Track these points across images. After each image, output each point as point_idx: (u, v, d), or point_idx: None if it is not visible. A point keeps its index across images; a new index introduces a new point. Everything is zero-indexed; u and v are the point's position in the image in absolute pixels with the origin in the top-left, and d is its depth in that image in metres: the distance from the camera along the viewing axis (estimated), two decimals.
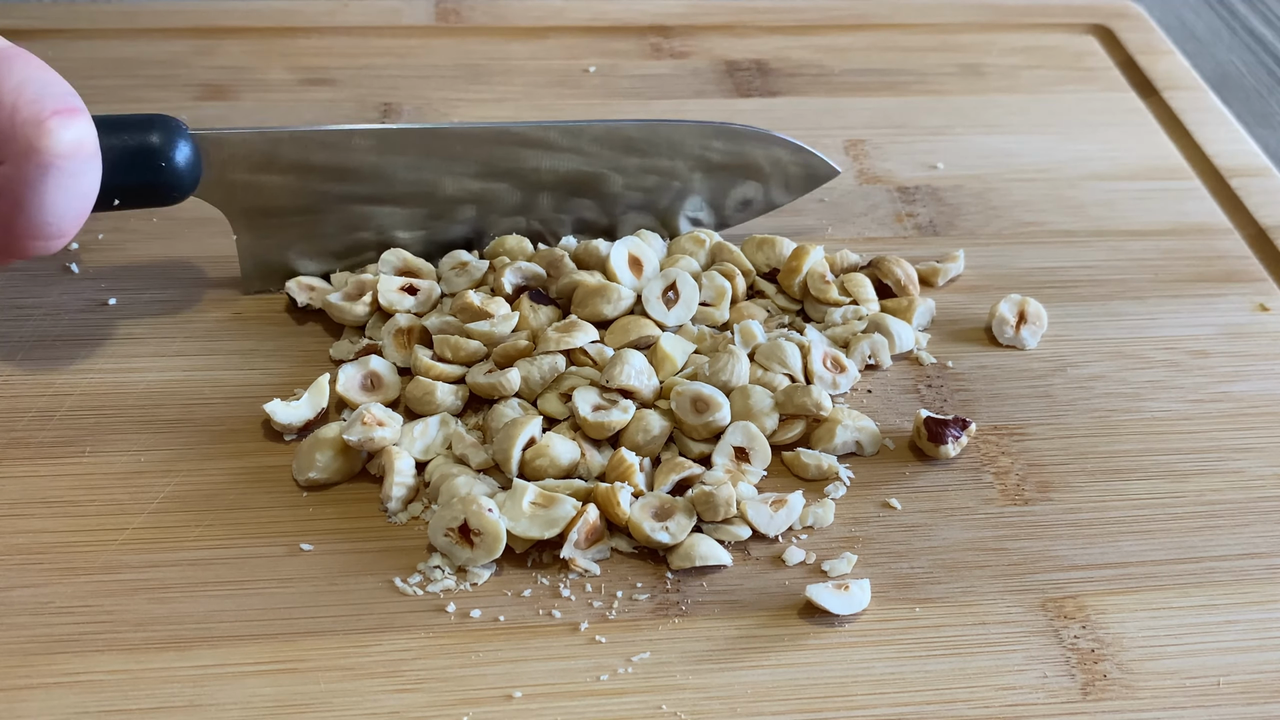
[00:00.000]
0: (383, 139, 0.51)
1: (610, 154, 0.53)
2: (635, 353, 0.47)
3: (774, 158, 0.55)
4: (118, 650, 0.39)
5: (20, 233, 0.42)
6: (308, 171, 0.51)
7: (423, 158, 0.51)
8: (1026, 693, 0.40)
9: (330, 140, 0.50)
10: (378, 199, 0.52)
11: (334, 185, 0.51)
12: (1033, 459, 0.48)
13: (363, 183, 0.51)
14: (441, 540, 0.42)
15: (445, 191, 0.52)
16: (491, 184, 0.53)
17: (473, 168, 0.52)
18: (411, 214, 0.52)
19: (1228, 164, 0.63)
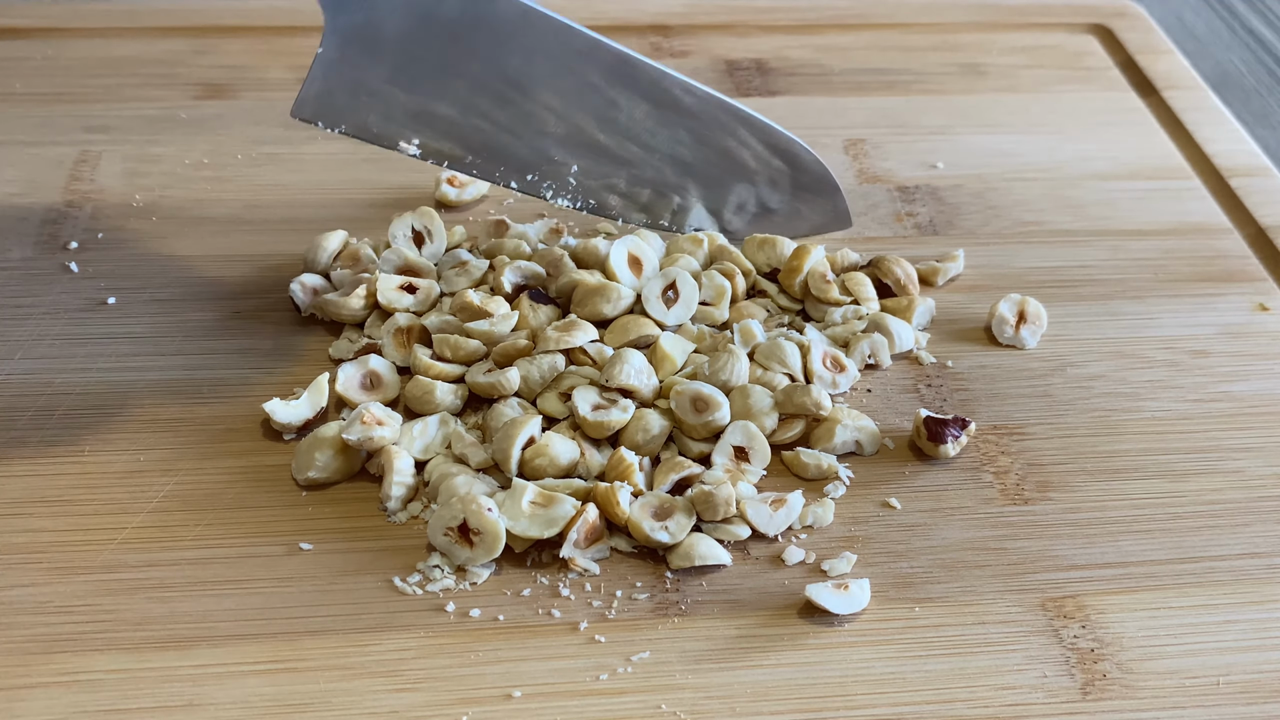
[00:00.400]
0: (540, 27, 0.48)
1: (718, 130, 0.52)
2: (635, 352, 0.47)
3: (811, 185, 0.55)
4: (117, 649, 0.39)
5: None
6: (437, 14, 0.47)
7: (560, 60, 0.48)
8: (1026, 692, 0.40)
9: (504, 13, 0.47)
10: (489, 77, 0.48)
11: (457, 39, 0.47)
12: (1032, 459, 0.48)
13: (491, 51, 0.48)
14: (441, 540, 0.42)
15: (548, 102, 0.49)
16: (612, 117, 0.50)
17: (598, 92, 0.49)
18: (508, 114, 0.49)
19: (1228, 164, 0.63)
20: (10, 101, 0.63)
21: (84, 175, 0.59)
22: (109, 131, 0.62)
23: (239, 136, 0.62)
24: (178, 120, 0.63)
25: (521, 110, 0.49)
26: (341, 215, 0.57)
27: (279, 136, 0.62)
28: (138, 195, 0.58)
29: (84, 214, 0.57)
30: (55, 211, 0.57)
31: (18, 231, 0.55)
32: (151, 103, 0.64)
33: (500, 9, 0.47)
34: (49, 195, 0.58)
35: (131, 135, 0.62)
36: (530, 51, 0.48)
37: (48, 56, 0.67)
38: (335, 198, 0.58)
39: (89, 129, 0.62)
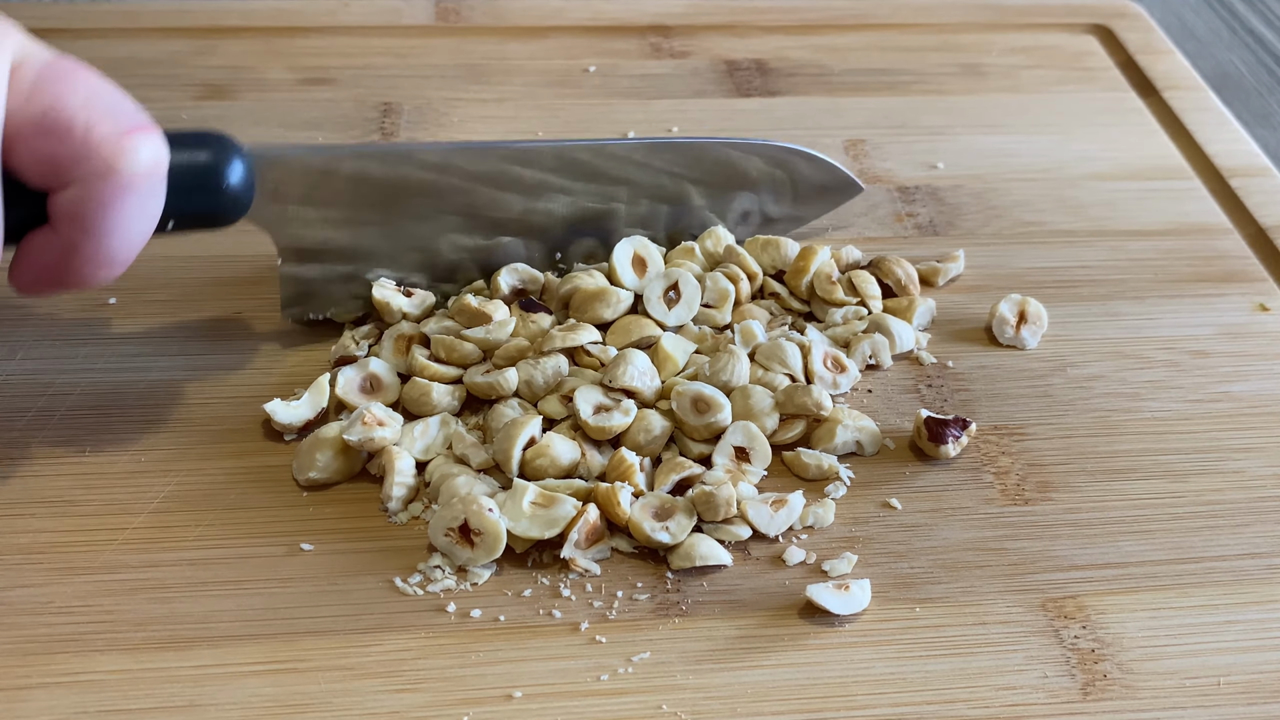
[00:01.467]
0: (444, 155, 0.49)
1: (667, 178, 0.53)
2: (638, 353, 0.47)
3: (804, 174, 0.56)
4: (117, 650, 0.39)
5: (86, 259, 0.40)
6: (362, 193, 0.49)
7: (474, 175, 0.50)
8: (1026, 693, 0.40)
9: (389, 156, 0.49)
10: (431, 218, 0.50)
11: (387, 208, 0.49)
12: (1033, 459, 0.48)
13: (418, 202, 0.50)
14: (442, 540, 0.42)
15: (500, 210, 0.51)
16: (551, 203, 0.51)
17: (529, 186, 0.51)
18: (463, 237, 0.51)
19: (1228, 164, 0.63)
20: None
21: None
22: None
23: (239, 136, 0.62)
24: (178, 121, 0.63)
25: (491, 226, 0.51)
26: None
27: (279, 136, 0.62)
28: None
29: None
30: None
31: None
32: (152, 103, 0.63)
33: (421, 158, 0.49)
34: None
35: None
36: (474, 180, 0.50)
37: None
38: None
39: None
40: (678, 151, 0.53)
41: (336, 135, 0.62)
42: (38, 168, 0.38)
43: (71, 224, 0.39)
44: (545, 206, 0.51)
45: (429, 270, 0.51)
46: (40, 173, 0.38)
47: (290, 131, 0.62)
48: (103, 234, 0.39)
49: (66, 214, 0.39)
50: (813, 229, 0.58)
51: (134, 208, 0.39)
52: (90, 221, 0.39)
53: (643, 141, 0.52)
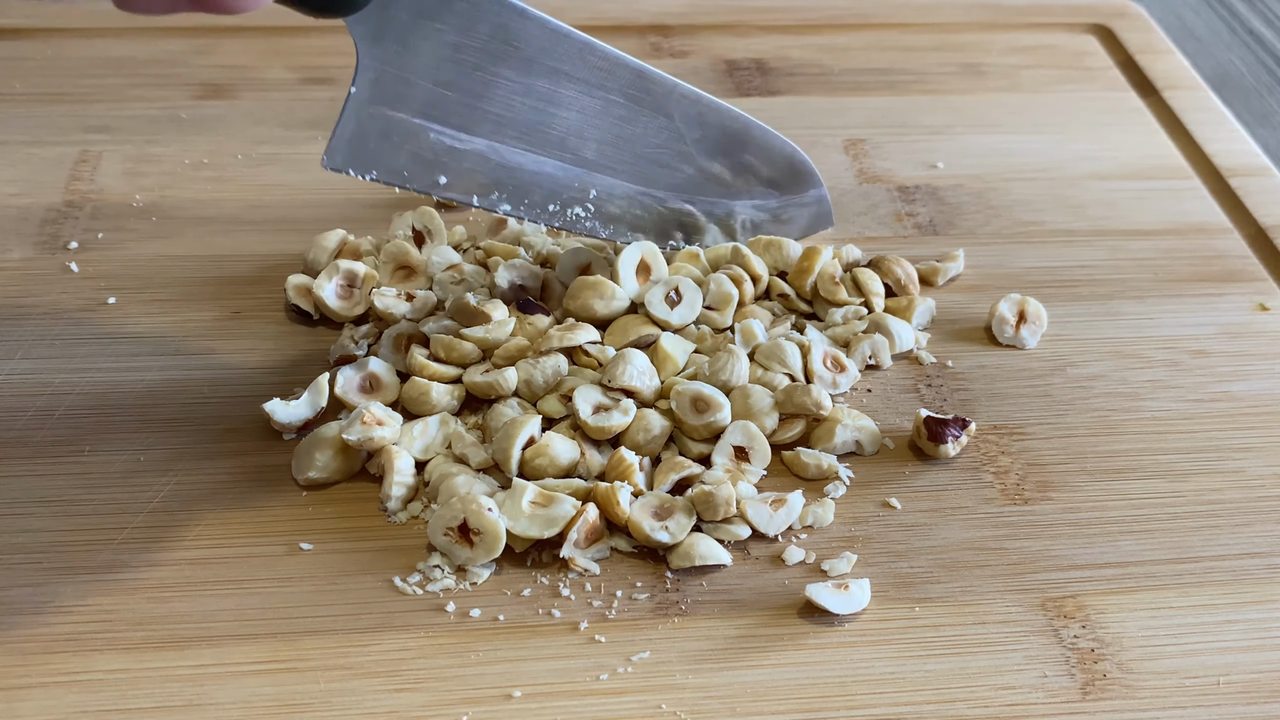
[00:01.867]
0: (580, 48, 0.48)
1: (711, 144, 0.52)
2: (637, 352, 0.47)
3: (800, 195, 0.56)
4: (117, 649, 0.39)
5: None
6: (469, 38, 0.46)
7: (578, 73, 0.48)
8: (1026, 692, 0.40)
9: (508, 13, 0.46)
10: (527, 106, 0.48)
11: (484, 71, 0.46)
12: (1032, 459, 0.48)
13: (516, 78, 0.47)
14: (441, 540, 0.42)
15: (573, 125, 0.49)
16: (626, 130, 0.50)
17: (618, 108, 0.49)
18: (542, 148, 0.49)
19: (1228, 164, 0.63)
20: (10, 101, 0.63)
21: (84, 175, 0.59)
22: (109, 131, 0.62)
23: (239, 136, 0.62)
24: (178, 120, 0.63)
25: (546, 137, 0.49)
26: (341, 215, 0.57)
27: (279, 136, 0.62)
28: (138, 195, 0.58)
29: (84, 214, 0.57)
30: (55, 211, 0.57)
31: (18, 231, 0.55)
32: (151, 103, 0.64)
33: (528, 29, 0.47)
34: (49, 195, 0.58)
35: (131, 135, 0.62)
36: (555, 73, 0.48)
37: (48, 57, 0.67)
38: (335, 198, 0.58)
39: (89, 129, 0.62)
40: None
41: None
42: None
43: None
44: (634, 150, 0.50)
45: (491, 174, 0.48)
46: None
47: (290, 131, 0.62)
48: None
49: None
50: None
51: None
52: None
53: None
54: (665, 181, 0.52)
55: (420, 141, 0.46)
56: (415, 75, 0.45)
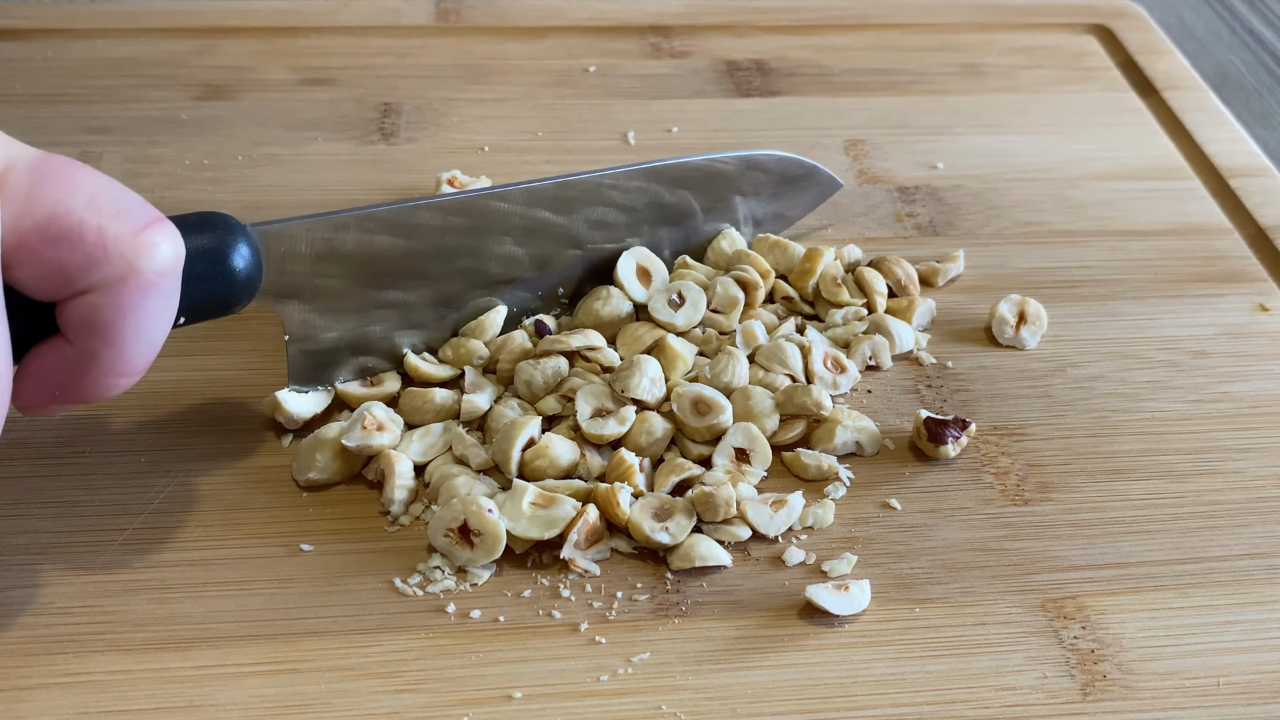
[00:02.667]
0: (437, 213, 0.47)
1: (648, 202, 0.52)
2: (651, 361, 0.47)
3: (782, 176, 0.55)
4: (118, 650, 0.39)
5: (105, 369, 0.36)
6: (369, 257, 0.46)
7: (476, 227, 0.48)
8: (1026, 693, 0.40)
9: (394, 218, 0.47)
10: (437, 277, 0.48)
11: (395, 268, 0.47)
12: (1032, 459, 0.48)
13: (422, 263, 0.48)
14: (441, 541, 0.42)
15: (505, 260, 0.49)
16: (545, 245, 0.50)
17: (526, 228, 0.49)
18: (472, 291, 0.49)
19: (1228, 164, 0.63)
20: (11, 102, 0.63)
21: None
22: (109, 132, 0.62)
23: (239, 137, 0.62)
24: (178, 121, 0.63)
25: (488, 282, 0.49)
26: None
27: (279, 137, 0.62)
28: None
29: None
30: None
31: None
32: (151, 103, 0.64)
33: (419, 217, 0.47)
34: None
35: (131, 136, 0.62)
36: (464, 238, 0.48)
37: (48, 58, 0.67)
38: (335, 198, 0.58)
39: (89, 129, 0.62)
40: (659, 173, 0.52)
41: (337, 135, 0.62)
42: (44, 279, 0.35)
43: (88, 333, 0.36)
44: (548, 250, 0.50)
45: (438, 328, 0.49)
46: (47, 283, 0.35)
47: (290, 132, 0.62)
48: (125, 340, 0.36)
49: (82, 323, 0.35)
50: (812, 229, 0.58)
51: (157, 308, 0.36)
52: (111, 329, 0.36)
53: (624, 169, 0.51)
54: (643, 236, 0.52)
55: (371, 340, 0.48)
56: (335, 306, 0.46)
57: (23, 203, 0.34)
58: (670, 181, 0.52)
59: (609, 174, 0.50)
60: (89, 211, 0.35)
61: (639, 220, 0.52)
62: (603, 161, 0.61)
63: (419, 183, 0.59)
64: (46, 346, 0.36)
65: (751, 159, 0.54)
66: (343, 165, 0.60)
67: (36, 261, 0.34)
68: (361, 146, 0.62)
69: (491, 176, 0.59)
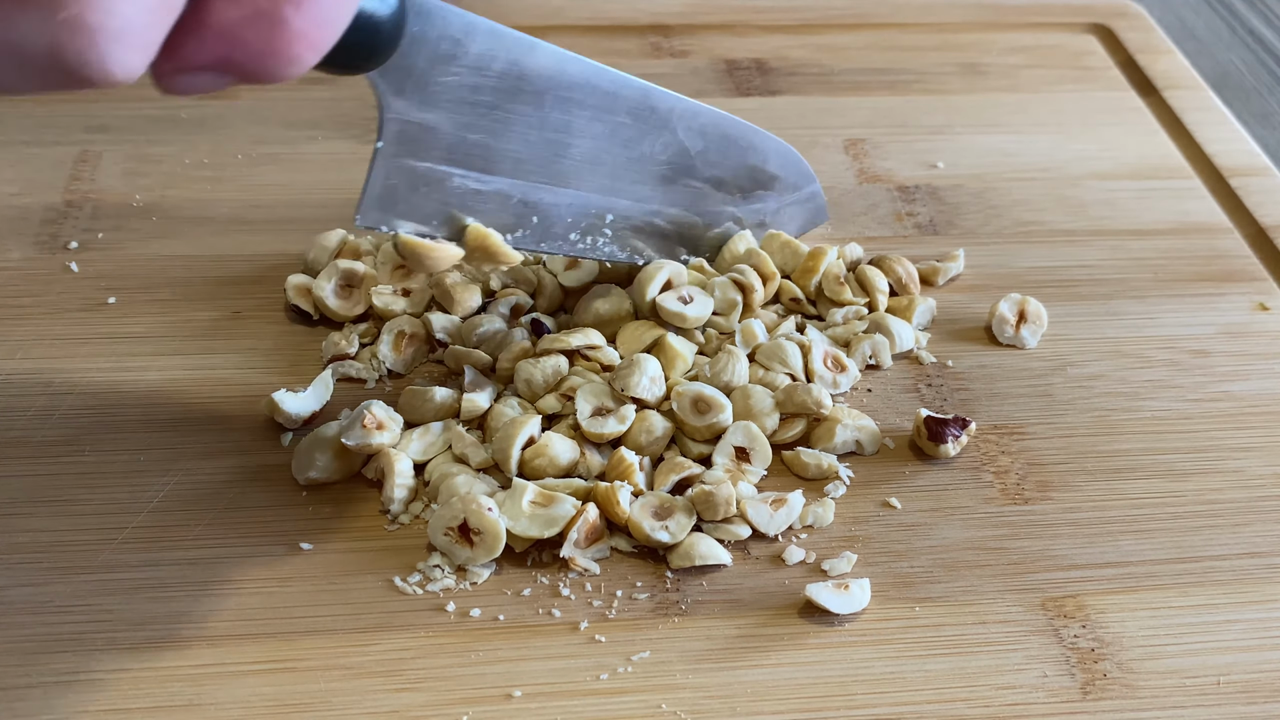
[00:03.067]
0: (568, 70, 0.46)
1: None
2: (651, 360, 0.47)
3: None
4: (117, 649, 0.39)
5: (296, 29, 0.32)
6: (484, 78, 0.44)
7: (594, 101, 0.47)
8: (1026, 692, 0.40)
9: (520, 48, 0.45)
10: (554, 139, 0.47)
11: (501, 109, 0.45)
12: (1032, 458, 0.48)
13: (531, 114, 0.46)
14: (441, 539, 0.42)
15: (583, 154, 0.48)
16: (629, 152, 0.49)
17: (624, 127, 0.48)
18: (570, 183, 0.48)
19: (1228, 163, 0.63)
20: (10, 101, 0.63)
21: (84, 175, 0.59)
22: (109, 131, 0.62)
23: (239, 136, 0.62)
24: (178, 120, 0.63)
25: (563, 168, 0.48)
26: (341, 215, 0.57)
27: (279, 136, 0.62)
28: (138, 195, 0.58)
29: (84, 214, 0.57)
30: (55, 211, 0.57)
31: (18, 231, 0.55)
32: (151, 103, 0.64)
33: (538, 61, 0.46)
34: (49, 195, 0.58)
35: (131, 135, 0.62)
36: (566, 102, 0.47)
37: None
38: (335, 198, 0.58)
39: (89, 129, 0.62)
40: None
41: (337, 134, 0.62)
42: None
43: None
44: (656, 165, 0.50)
45: (514, 212, 0.47)
46: None
47: (290, 131, 0.62)
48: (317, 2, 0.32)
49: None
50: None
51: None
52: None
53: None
54: (673, 198, 0.51)
55: (445, 189, 0.45)
56: (436, 123, 0.44)
57: None
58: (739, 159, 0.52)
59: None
60: None
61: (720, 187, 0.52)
62: None
63: None
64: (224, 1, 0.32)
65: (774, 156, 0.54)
66: (343, 164, 0.60)
67: None
68: (361, 146, 0.62)
69: None
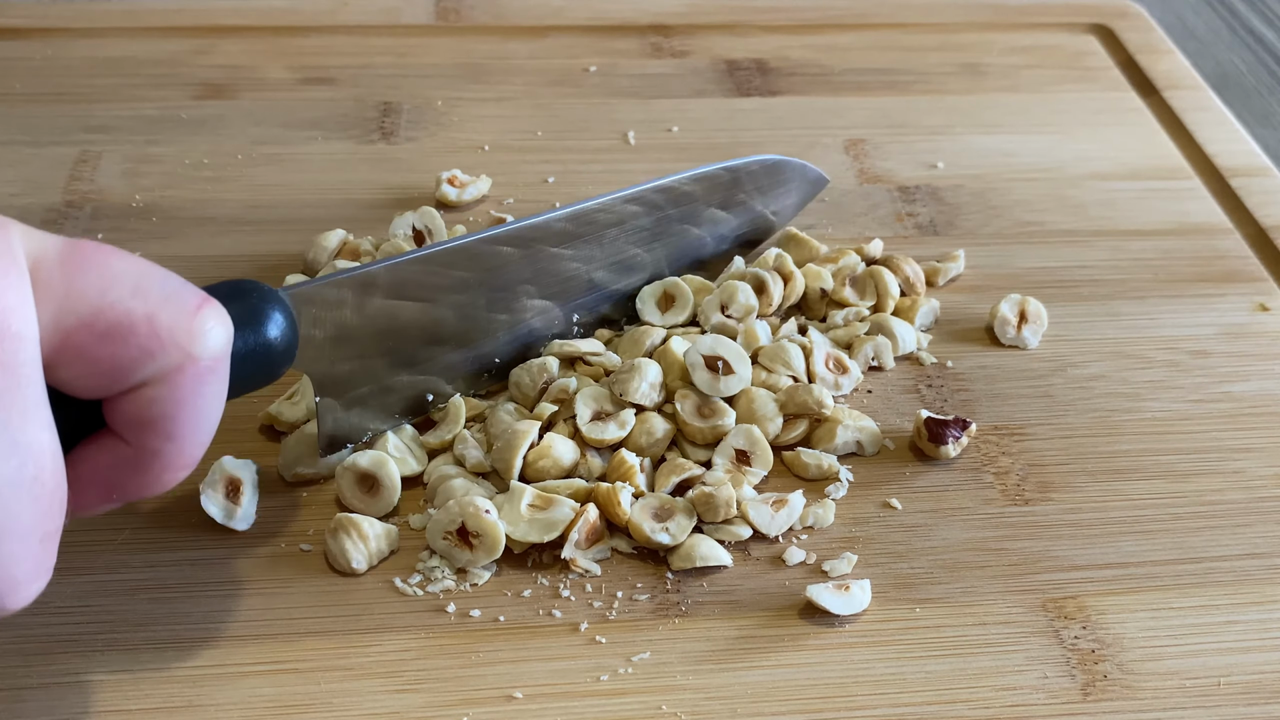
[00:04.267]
0: (448, 255, 0.46)
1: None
2: (652, 364, 0.47)
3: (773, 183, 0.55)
4: (118, 650, 0.39)
5: (166, 464, 0.34)
6: (392, 307, 0.45)
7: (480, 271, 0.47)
8: (1027, 693, 0.39)
9: (416, 271, 0.45)
10: (464, 319, 0.47)
11: (420, 318, 0.46)
12: (1033, 459, 0.48)
13: (451, 305, 0.46)
14: (440, 543, 0.42)
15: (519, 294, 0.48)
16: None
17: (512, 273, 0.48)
18: (493, 335, 0.48)
19: (1228, 164, 0.63)
20: (10, 102, 0.63)
21: (84, 175, 0.59)
22: (109, 131, 0.62)
23: (239, 136, 0.62)
24: (178, 120, 0.63)
25: (509, 322, 0.48)
26: (341, 215, 0.57)
27: (279, 136, 0.62)
28: (138, 195, 0.58)
29: (84, 214, 0.57)
30: (55, 211, 0.57)
31: None
32: (151, 103, 0.64)
33: (435, 264, 0.46)
34: (49, 195, 0.58)
35: (131, 135, 0.62)
36: (476, 283, 0.47)
37: (48, 57, 0.67)
38: (335, 198, 0.58)
39: (89, 129, 0.62)
40: (657, 197, 0.51)
41: (337, 134, 0.62)
42: (94, 376, 0.32)
43: (146, 429, 0.33)
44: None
45: (467, 372, 0.48)
46: (96, 381, 0.32)
47: (290, 131, 0.62)
48: (185, 432, 0.34)
49: (138, 419, 0.33)
50: (812, 229, 0.58)
51: (214, 394, 0.34)
52: (171, 422, 0.33)
53: (623, 195, 0.50)
54: (650, 264, 0.52)
55: (393, 396, 0.46)
56: (358, 366, 0.44)
57: (61, 299, 0.31)
58: (672, 202, 0.51)
59: (609, 202, 0.49)
60: (136, 300, 0.32)
61: (652, 244, 0.52)
62: (603, 160, 0.62)
63: (418, 182, 0.59)
64: (95, 446, 0.34)
65: (738, 170, 0.53)
66: (342, 165, 0.60)
67: (85, 360, 0.31)
68: (361, 146, 0.62)
69: (491, 176, 0.59)
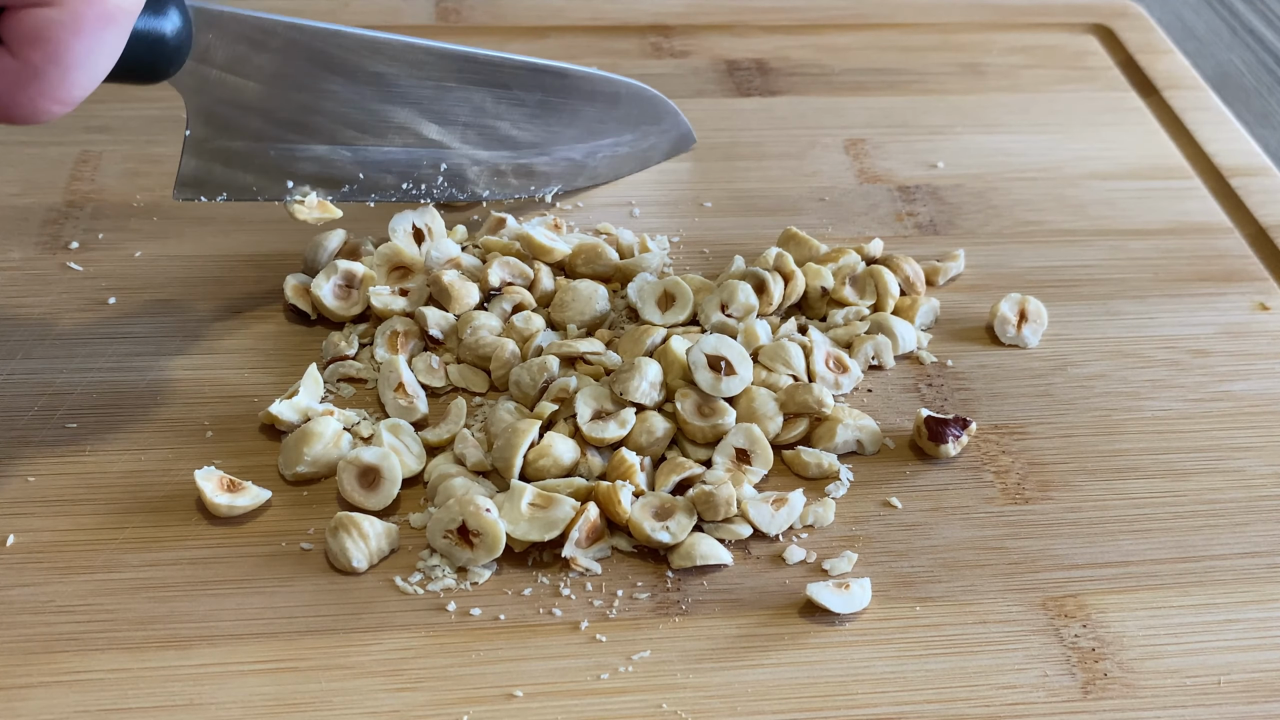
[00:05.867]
0: (378, 48, 0.49)
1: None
2: (652, 364, 0.47)
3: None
4: (118, 649, 0.39)
5: (44, 90, 0.36)
6: (289, 67, 0.47)
7: (411, 74, 0.50)
8: (1027, 691, 0.39)
9: (322, 37, 0.48)
10: (350, 111, 0.49)
11: (311, 90, 0.48)
12: (1033, 458, 0.48)
13: (343, 89, 0.49)
14: (441, 542, 0.42)
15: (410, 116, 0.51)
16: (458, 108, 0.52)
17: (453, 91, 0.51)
18: (372, 134, 0.51)
19: (1228, 163, 0.63)
20: None
21: (84, 175, 0.59)
22: (109, 131, 0.62)
23: None
24: (178, 120, 0.62)
25: (385, 128, 0.51)
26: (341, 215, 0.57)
27: None
28: (138, 195, 0.58)
29: (84, 214, 0.57)
30: (55, 211, 0.57)
31: (18, 231, 0.55)
32: (151, 103, 0.64)
33: (345, 43, 0.49)
34: (49, 195, 0.58)
35: (131, 135, 0.62)
36: (380, 76, 0.50)
37: None
38: None
39: (89, 129, 0.62)
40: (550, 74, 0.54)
41: None
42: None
43: (36, 47, 0.35)
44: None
45: (336, 172, 0.50)
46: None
47: None
48: (71, 64, 0.36)
49: (31, 35, 0.35)
50: (812, 228, 0.58)
51: (108, 42, 0.36)
52: (61, 47, 0.35)
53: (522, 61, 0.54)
54: (517, 142, 0.54)
55: (261, 159, 0.48)
56: (243, 108, 0.47)
57: None
58: (559, 91, 0.55)
59: (505, 60, 0.53)
60: None
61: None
62: None
63: None
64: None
65: (619, 85, 0.57)
66: None
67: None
68: None
69: None
